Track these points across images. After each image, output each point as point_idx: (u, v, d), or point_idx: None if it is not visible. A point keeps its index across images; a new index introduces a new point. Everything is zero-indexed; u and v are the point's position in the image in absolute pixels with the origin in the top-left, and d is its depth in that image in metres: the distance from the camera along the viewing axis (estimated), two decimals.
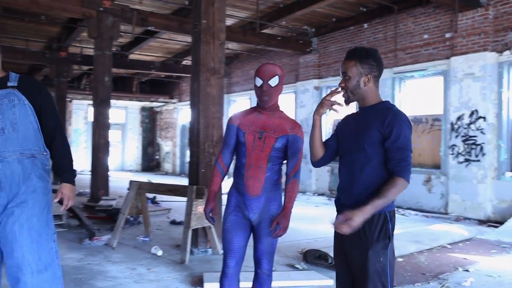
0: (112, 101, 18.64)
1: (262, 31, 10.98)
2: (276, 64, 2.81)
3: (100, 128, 9.11)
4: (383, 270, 2.10)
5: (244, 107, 14.81)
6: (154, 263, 4.66)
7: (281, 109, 2.83)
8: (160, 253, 5.01)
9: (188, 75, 16.22)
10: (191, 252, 5.01)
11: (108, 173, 9.43)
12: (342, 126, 2.38)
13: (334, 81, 10.95)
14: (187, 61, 14.94)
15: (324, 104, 2.32)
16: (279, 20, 10.28)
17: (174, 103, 19.40)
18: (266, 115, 2.76)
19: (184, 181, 11.31)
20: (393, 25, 9.64)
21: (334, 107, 2.33)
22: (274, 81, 2.70)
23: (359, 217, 2.01)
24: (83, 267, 4.45)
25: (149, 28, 9.86)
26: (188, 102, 17.61)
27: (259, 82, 2.71)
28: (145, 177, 13.98)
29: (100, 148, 9.09)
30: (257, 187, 2.68)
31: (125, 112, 20.15)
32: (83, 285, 3.90)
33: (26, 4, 8.34)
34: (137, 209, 5.64)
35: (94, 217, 7.17)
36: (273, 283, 3.94)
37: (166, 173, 19.25)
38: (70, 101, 18.38)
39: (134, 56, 14.06)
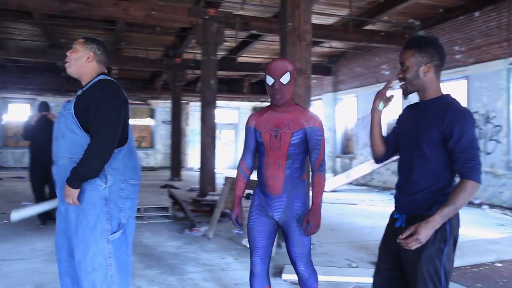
0: (225, 102, 19.85)
1: (364, 28, 10.83)
2: (286, 59, 2.73)
3: (207, 128, 9.76)
4: (436, 274, 2.00)
5: (352, 105, 14.73)
6: (242, 254, 4.97)
7: (296, 103, 2.77)
8: None
9: None
10: (279, 246, 5.24)
11: (215, 170, 10.06)
12: (403, 120, 2.29)
13: (447, 74, 10.38)
14: None
15: (377, 97, 2.27)
16: (380, 15, 10.05)
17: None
18: (281, 112, 2.69)
19: None
20: (507, 12, 8.88)
21: (388, 101, 2.28)
22: (285, 78, 2.62)
23: (427, 229, 1.89)
24: (179, 254, 4.93)
25: (252, 31, 10.31)
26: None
27: (270, 80, 2.63)
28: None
29: (207, 147, 9.74)
30: (277, 186, 2.63)
31: (237, 113, 21.09)
32: (175, 269, 4.35)
33: (142, 18, 9.29)
34: (232, 204, 6.02)
35: (198, 210, 7.77)
36: (355, 279, 4.02)
37: None
38: (187, 103, 19.80)
39: (242, 58, 14.71)
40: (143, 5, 9.26)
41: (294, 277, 4.04)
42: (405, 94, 2.20)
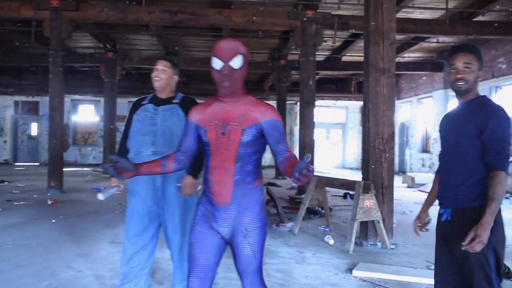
0: (332, 102, 19.84)
1: (474, 20, 10.15)
2: (238, 40, 2.27)
3: (305, 127, 9.98)
4: (486, 260, 2.12)
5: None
6: (322, 250, 5.12)
7: (248, 93, 2.32)
8: (331, 242, 5.43)
9: (407, 72, 15.95)
10: (361, 244, 5.29)
11: (317, 169, 10.22)
12: (444, 125, 2.46)
13: None
14: (399, 58, 14.71)
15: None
16: (491, 5, 9.36)
17: None
18: (230, 104, 2.24)
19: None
20: None
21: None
22: (236, 62, 2.18)
23: (485, 230, 2.04)
24: None
25: (351, 30, 10.28)
26: (407, 100, 17.32)
27: (217, 64, 2.19)
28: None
29: (305, 146, 9.95)
30: (224, 195, 2.20)
31: (345, 112, 20.92)
32: None
33: (243, 24, 9.82)
34: (318, 201, 6.19)
35: (290, 207, 8.02)
36: (427, 280, 3.96)
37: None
38: (296, 104, 20.14)
39: (346, 58, 14.62)
40: (244, 12, 9.78)
41: (365, 274, 4.12)
42: (461, 94, 2.34)
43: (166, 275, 4.03)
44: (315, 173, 6.69)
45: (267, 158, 20.85)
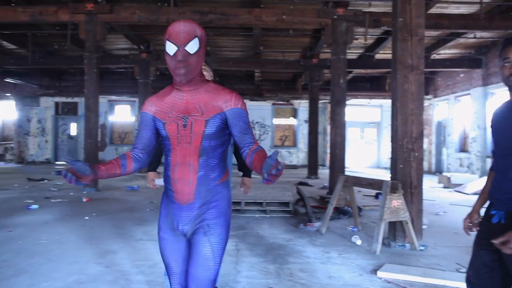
0: (366, 100, 19.53)
1: None
2: (193, 21, 2.02)
3: (336, 126, 9.86)
4: None
5: (504, 100, 13.22)
6: (348, 250, 5.05)
7: (207, 79, 2.13)
8: (359, 242, 5.35)
9: (443, 69, 15.53)
10: (389, 245, 5.19)
11: (349, 168, 10.12)
12: (495, 121, 2.29)
13: None
14: (434, 55, 14.33)
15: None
16: None
17: (429, 99, 18.74)
18: (189, 93, 2.06)
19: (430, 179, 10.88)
20: None
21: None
22: (193, 46, 1.96)
23: None
24: (287, 246, 5.21)
25: (383, 27, 10.10)
26: (443, 98, 16.86)
27: (171, 48, 1.97)
28: None
29: (336, 145, 9.84)
30: (187, 192, 2.04)
31: (380, 111, 20.56)
32: (278, 259, 4.64)
33: (273, 23, 9.81)
34: (346, 200, 6.11)
35: (321, 207, 7.95)
36: (453, 283, 3.84)
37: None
38: (330, 103, 19.94)
39: (380, 55, 14.37)
40: (274, 11, 9.78)
41: (390, 275, 4.04)
42: None
43: None
44: (346, 172, 6.62)
45: (300, 157, 20.78)
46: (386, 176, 9.18)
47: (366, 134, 20.77)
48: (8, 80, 17.62)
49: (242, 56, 15.17)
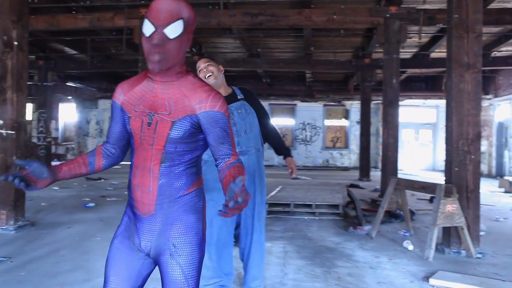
0: (421, 101, 18.90)
1: None
2: (183, 0, 1.68)
3: (389, 128, 9.59)
4: None
5: None
6: (399, 255, 4.89)
7: (188, 71, 1.80)
8: (411, 247, 5.17)
9: (505, 68, 14.76)
10: (443, 251, 4.98)
11: (401, 171, 9.84)
12: None
13: None
14: (495, 53, 13.64)
15: None
16: None
17: (489, 99, 17.86)
18: (161, 85, 1.75)
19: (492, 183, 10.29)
20: None
21: None
22: (174, 29, 1.63)
23: None
24: (336, 249, 5.12)
25: (439, 25, 9.73)
26: (505, 97, 16.01)
27: (148, 29, 1.65)
28: None
29: (389, 147, 9.57)
30: (147, 202, 1.74)
31: (436, 111, 19.84)
32: (326, 262, 4.56)
33: (324, 23, 9.68)
34: (397, 204, 5.92)
35: (372, 210, 7.76)
36: None
37: (481, 174, 17.89)
38: (382, 103, 19.47)
39: (435, 54, 13.85)
40: (325, 11, 9.65)
41: (443, 283, 3.87)
42: None
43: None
44: (399, 175, 6.44)
45: (352, 159, 20.42)
46: (441, 179, 8.82)
47: (421, 135, 20.11)
48: (69, 84, 18.52)
49: (292, 57, 15.11)
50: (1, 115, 5.69)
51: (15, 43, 5.69)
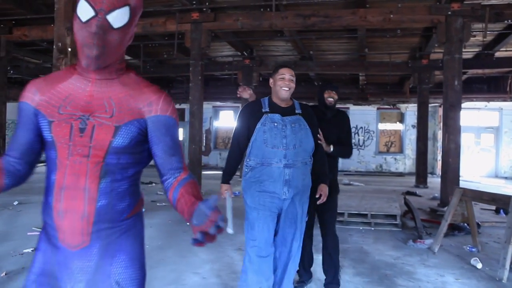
0: (483, 103, 17.86)
1: None
2: None
3: (449, 132, 9.02)
4: None
5: None
6: (467, 275, 4.45)
7: (129, 68, 1.53)
8: (479, 265, 4.70)
9: None
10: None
11: (463, 178, 9.24)
12: None
13: None
14: None
15: None
16: None
17: None
18: (97, 83, 1.44)
19: None
20: None
21: None
22: (119, 16, 1.36)
23: None
24: (395, 265, 4.74)
25: (506, 21, 9.06)
26: None
27: (85, 12, 1.34)
28: None
29: (450, 153, 8.99)
30: (79, 231, 1.39)
31: (498, 114, 18.69)
32: (384, 280, 4.21)
33: (379, 23, 9.27)
34: (463, 216, 5.45)
35: (430, 220, 7.27)
36: None
37: None
38: (440, 106, 18.58)
39: (500, 53, 12.99)
40: (380, 10, 9.23)
41: None
42: None
43: None
44: (460, 185, 5.96)
45: (407, 164, 19.61)
46: (505, 187, 8.17)
47: (483, 140, 19.00)
48: None
49: (345, 59, 14.67)
50: None
51: (69, 49, 5.73)
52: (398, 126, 20.19)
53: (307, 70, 14.66)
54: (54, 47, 5.82)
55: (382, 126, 20.22)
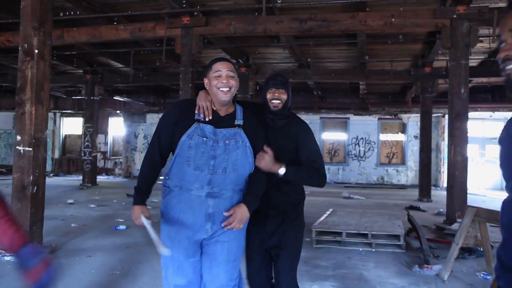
0: (488, 113, 17.29)
1: None
2: None
3: (456, 144, 8.42)
4: None
5: None
6: None
7: None
8: None
9: None
10: None
11: (469, 192, 8.63)
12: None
13: None
14: None
15: None
16: None
17: None
18: None
19: None
20: None
21: None
22: None
23: None
24: None
25: None
26: None
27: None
28: None
29: (456, 166, 8.39)
30: None
31: (504, 125, 18.08)
32: None
33: (380, 27, 8.72)
34: (476, 239, 4.84)
35: (440, 241, 6.66)
36: None
37: None
38: (443, 116, 18.03)
39: None
40: (381, 14, 8.70)
41: None
42: None
43: None
44: (472, 205, 5.34)
45: (409, 176, 18.98)
46: None
47: (488, 151, 18.41)
48: (117, 98, 18.44)
49: (345, 67, 14.16)
50: (18, 130, 5.16)
51: (36, 51, 5.17)
52: (400, 136, 19.62)
53: (305, 79, 14.17)
54: (19, 48, 5.27)
55: (384, 136, 19.63)
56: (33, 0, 5.18)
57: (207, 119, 2.41)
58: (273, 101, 2.66)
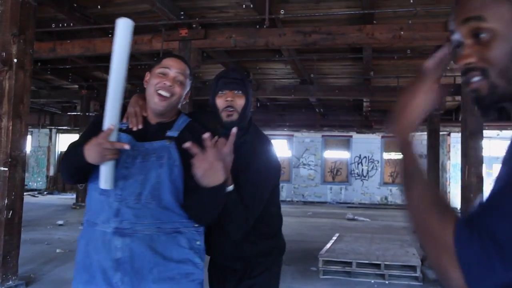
0: (495, 132, 16.83)
1: None
2: None
3: (470, 164, 7.90)
4: None
5: None
6: None
7: None
8: None
9: None
10: None
11: None
12: None
13: None
14: None
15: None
16: None
17: None
18: None
19: None
20: None
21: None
22: None
23: None
24: None
25: None
26: None
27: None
28: None
29: (471, 187, 7.85)
30: None
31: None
32: None
33: (388, 40, 8.29)
34: None
35: None
36: None
37: None
38: (448, 135, 17.59)
39: None
40: (390, 26, 8.27)
41: None
42: (483, 104, 1.01)
43: None
44: None
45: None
46: None
47: (495, 170, 17.88)
48: None
49: (349, 83, 13.73)
50: None
51: (15, 60, 4.69)
52: None
53: (307, 95, 13.75)
54: None
55: (387, 155, 19.12)
56: (13, 5, 4.71)
57: (134, 129, 1.82)
58: (227, 109, 1.98)
